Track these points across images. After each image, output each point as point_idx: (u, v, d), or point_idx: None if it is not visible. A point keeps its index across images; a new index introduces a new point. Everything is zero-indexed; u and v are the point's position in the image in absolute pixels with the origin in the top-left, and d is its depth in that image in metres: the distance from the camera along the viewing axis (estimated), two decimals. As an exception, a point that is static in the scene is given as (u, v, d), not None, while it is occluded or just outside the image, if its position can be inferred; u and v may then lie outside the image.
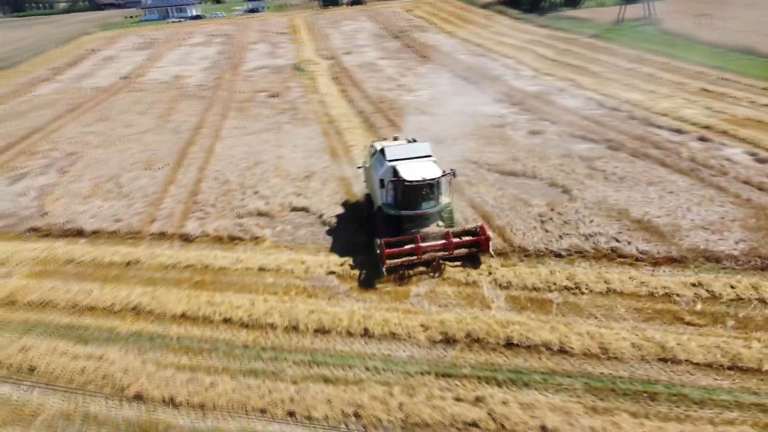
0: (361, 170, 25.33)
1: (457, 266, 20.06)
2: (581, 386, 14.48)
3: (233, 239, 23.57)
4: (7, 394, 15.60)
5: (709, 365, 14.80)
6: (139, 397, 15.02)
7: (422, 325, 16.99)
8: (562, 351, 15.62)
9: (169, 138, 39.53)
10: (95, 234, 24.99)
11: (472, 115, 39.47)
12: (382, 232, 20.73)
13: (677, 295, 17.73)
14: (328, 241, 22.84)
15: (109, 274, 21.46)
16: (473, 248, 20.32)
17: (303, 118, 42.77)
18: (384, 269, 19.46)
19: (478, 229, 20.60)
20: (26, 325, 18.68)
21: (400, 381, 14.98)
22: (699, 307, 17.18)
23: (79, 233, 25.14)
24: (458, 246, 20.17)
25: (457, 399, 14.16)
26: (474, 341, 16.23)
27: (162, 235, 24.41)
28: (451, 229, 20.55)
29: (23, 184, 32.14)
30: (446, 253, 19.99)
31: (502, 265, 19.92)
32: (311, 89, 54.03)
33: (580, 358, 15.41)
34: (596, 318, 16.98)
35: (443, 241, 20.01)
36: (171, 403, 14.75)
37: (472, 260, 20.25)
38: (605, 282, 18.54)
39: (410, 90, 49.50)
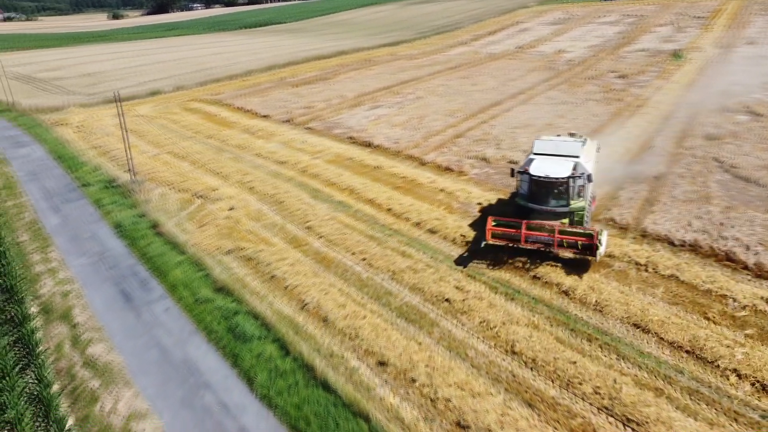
0: None
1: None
2: (548, 313, 17.70)
3: (448, 169, 30.95)
4: (221, 208, 27.51)
5: (671, 343, 15.92)
6: (309, 228, 24.82)
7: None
8: (565, 292, 18.61)
9: (489, 97, 47.75)
10: (377, 147, 35.83)
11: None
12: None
13: (733, 299, 17.65)
14: (504, 186, 27.98)
15: (361, 170, 31.78)
16: (579, 249, 19.92)
17: (615, 99, 44.93)
18: (483, 244, 20.93)
19: (592, 233, 19.81)
20: (296, 181, 30.63)
21: (437, 267, 20.73)
22: (741, 313, 17.02)
23: (369, 145, 36.40)
24: (563, 243, 20.03)
25: (456, 287, 19.28)
26: (514, 268, 20.38)
27: (409, 157, 33.49)
28: (563, 227, 20.35)
29: (373, 111, 45.61)
30: (551, 246, 20.06)
31: (609, 235, 22.07)
32: (664, 76, 53.78)
33: (573, 300, 18.22)
34: (629, 287, 18.73)
35: (548, 235, 20.16)
36: (320, 235, 24.07)
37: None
38: (677, 270, 19.37)
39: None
